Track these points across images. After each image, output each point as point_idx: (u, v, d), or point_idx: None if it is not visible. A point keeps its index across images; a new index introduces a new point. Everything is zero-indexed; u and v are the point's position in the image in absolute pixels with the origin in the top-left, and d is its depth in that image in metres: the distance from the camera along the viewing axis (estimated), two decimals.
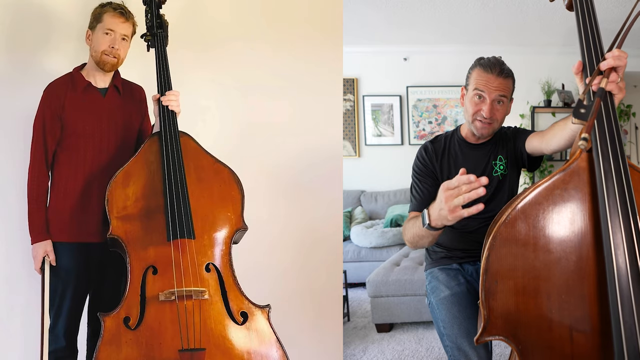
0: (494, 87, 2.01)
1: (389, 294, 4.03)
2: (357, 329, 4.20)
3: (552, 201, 1.28)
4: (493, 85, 2.01)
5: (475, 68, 2.07)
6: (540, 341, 1.29)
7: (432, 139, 2.22)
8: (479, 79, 2.04)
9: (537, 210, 1.28)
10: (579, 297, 1.26)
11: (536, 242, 1.28)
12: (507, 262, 1.30)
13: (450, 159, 2.14)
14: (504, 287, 1.30)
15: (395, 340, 3.91)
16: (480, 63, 2.07)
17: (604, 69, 1.32)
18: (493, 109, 2.03)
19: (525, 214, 1.29)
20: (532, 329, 1.29)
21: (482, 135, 2.10)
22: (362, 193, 6.65)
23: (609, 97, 1.29)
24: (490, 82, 2.02)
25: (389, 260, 4.62)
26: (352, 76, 6.73)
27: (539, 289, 1.28)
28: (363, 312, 4.59)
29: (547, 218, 1.28)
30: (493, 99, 2.02)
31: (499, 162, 2.11)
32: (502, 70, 2.04)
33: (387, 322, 4.10)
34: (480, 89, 2.02)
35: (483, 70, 2.04)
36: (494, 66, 2.03)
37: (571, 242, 1.27)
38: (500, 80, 2.02)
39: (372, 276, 4.16)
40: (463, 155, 2.14)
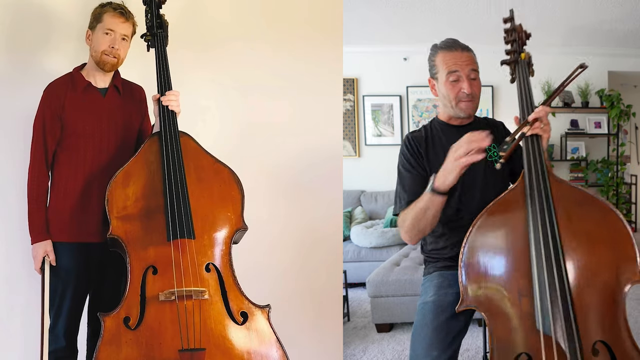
0: (465, 63, 2.02)
1: (389, 294, 4.03)
2: (357, 329, 4.20)
3: (504, 211, 1.77)
4: (463, 61, 2.02)
5: (438, 52, 2.06)
6: (500, 306, 1.69)
7: (410, 133, 2.17)
8: (447, 60, 2.03)
9: (494, 220, 1.77)
10: (523, 273, 1.68)
11: (496, 240, 1.74)
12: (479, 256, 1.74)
13: (436, 144, 2.09)
14: (474, 269, 1.73)
15: (395, 340, 3.91)
16: (440, 46, 2.07)
17: (530, 120, 1.81)
18: (471, 85, 2.02)
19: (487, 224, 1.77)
20: (493, 297, 1.70)
21: (469, 115, 2.08)
22: (362, 193, 6.65)
23: (535, 139, 1.82)
24: (459, 59, 2.02)
25: (389, 260, 4.62)
26: (352, 76, 6.74)
27: (498, 269, 1.73)
28: (363, 312, 4.59)
29: (501, 224, 1.76)
30: (467, 74, 2.01)
31: (493, 148, 2.06)
32: (462, 46, 2.05)
33: (387, 322, 4.10)
34: (454, 69, 2.01)
35: (447, 51, 2.04)
36: (454, 44, 2.05)
37: (516, 238, 1.73)
38: (465, 54, 2.03)
39: (372, 276, 4.16)
40: (447, 137, 2.06)
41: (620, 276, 1.65)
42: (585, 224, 1.70)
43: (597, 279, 1.65)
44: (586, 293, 1.63)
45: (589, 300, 1.63)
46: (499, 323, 1.57)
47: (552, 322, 1.57)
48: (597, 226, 1.69)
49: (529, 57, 2.10)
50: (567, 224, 1.69)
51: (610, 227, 1.69)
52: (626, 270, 1.65)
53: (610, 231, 1.69)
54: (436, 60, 2.07)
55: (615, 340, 1.59)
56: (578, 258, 1.66)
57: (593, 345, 1.58)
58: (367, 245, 5.46)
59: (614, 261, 1.66)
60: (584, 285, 1.64)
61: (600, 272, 1.65)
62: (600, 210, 1.72)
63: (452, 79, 2.02)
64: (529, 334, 1.62)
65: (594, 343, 1.58)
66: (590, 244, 1.67)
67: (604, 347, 1.58)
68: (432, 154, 2.07)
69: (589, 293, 1.63)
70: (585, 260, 1.66)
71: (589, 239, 1.68)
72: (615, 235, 1.68)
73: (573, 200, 1.73)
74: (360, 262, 5.40)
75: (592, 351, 1.57)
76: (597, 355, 1.57)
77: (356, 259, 5.44)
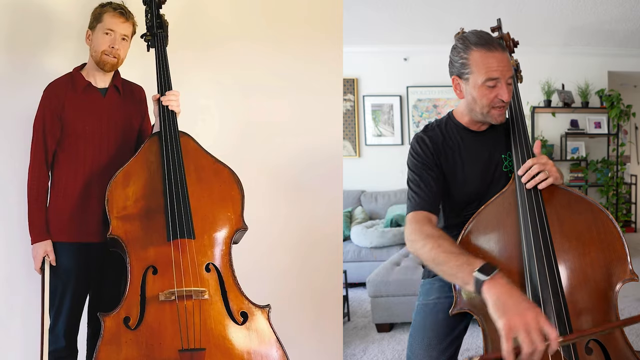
0: (506, 68, 1.76)
1: (389, 294, 4.03)
2: (357, 329, 4.20)
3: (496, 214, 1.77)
4: (504, 65, 1.76)
5: (472, 50, 1.76)
6: None
7: (424, 129, 1.95)
8: (489, 63, 1.74)
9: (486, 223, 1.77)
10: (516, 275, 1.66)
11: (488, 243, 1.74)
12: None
13: (455, 150, 1.89)
14: None
15: (396, 340, 3.91)
16: (475, 43, 1.77)
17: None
18: (509, 92, 1.77)
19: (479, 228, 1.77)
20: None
21: (500, 122, 1.86)
22: (362, 193, 6.65)
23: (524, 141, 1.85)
24: (501, 62, 1.75)
25: (389, 260, 4.62)
26: (352, 76, 6.74)
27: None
28: (363, 312, 4.59)
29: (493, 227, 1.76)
30: (507, 80, 1.76)
31: (509, 157, 1.89)
32: (500, 44, 1.80)
33: (387, 322, 4.10)
34: (495, 76, 1.74)
35: (487, 51, 1.75)
36: (492, 41, 1.78)
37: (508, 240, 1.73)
38: (505, 56, 1.78)
39: (372, 276, 4.16)
40: (465, 144, 1.90)
41: (611, 275, 1.66)
42: (576, 225, 1.71)
43: (589, 278, 1.66)
44: (578, 293, 1.64)
45: (581, 299, 1.64)
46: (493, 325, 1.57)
47: None
48: (588, 227, 1.71)
49: (517, 65, 2.08)
50: (558, 226, 1.71)
51: (601, 228, 1.71)
52: (617, 269, 1.67)
53: (601, 231, 1.70)
54: (470, 59, 1.77)
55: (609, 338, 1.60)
56: (570, 259, 1.67)
57: (586, 344, 1.58)
58: (367, 245, 5.46)
59: (605, 261, 1.68)
60: (576, 285, 1.65)
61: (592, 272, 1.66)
62: (591, 210, 1.73)
63: (490, 85, 1.76)
64: None
65: (587, 342, 1.59)
66: (581, 244, 1.69)
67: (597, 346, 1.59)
68: (444, 159, 1.89)
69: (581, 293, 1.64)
70: (576, 261, 1.67)
71: (580, 240, 1.69)
72: (605, 235, 1.70)
73: (563, 201, 1.75)
74: (360, 262, 5.40)
75: (586, 350, 1.57)
76: (591, 354, 1.58)
77: (356, 259, 5.44)
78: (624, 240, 1.69)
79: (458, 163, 1.88)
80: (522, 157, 1.82)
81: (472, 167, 1.89)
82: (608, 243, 1.69)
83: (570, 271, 1.66)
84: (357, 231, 5.58)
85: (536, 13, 5.34)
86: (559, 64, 6.46)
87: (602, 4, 5.10)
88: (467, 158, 1.89)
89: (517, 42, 2.11)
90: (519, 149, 1.85)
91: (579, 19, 5.57)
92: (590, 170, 6.79)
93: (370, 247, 5.45)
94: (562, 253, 1.68)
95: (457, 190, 1.90)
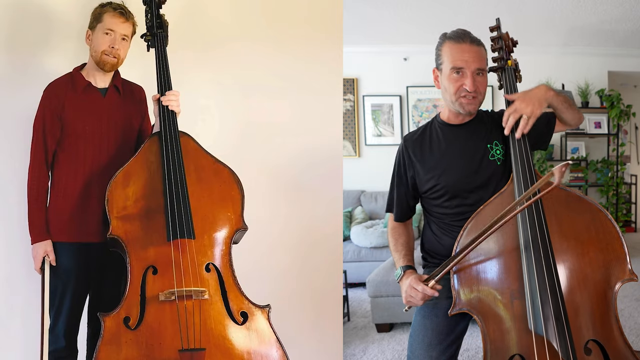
0: (472, 59, 1.89)
1: (389, 294, 4.03)
2: (357, 329, 4.20)
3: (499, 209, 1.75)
4: (470, 56, 1.89)
5: (445, 43, 1.94)
6: (493, 308, 1.71)
7: (408, 134, 2.12)
8: (454, 53, 1.90)
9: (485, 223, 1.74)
10: (515, 275, 1.71)
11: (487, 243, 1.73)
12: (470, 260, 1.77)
13: (433, 144, 2.02)
14: (466, 273, 1.76)
15: (396, 340, 3.91)
16: (449, 36, 1.94)
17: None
18: (475, 82, 1.90)
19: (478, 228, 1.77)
20: (486, 300, 1.72)
21: (469, 112, 1.96)
22: (362, 193, 6.65)
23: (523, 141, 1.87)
24: (467, 53, 1.89)
25: (389, 260, 4.61)
26: (352, 76, 6.73)
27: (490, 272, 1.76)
28: (363, 312, 4.59)
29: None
30: (473, 70, 1.89)
31: (495, 146, 1.97)
32: (473, 39, 1.92)
33: (387, 322, 4.11)
34: (459, 66, 1.89)
35: (455, 42, 1.91)
36: (464, 36, 1.92)
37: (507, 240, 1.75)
38: (474, 49, 1.91)
39: (372, 276, 4.16)
40: (445, 137, 2.02)
41: (610, 275, 1.67)
42: (575, 224, 1.72)
43: (588, 278, 1.66)
44: (577, 293, 1.65)
45: (580, 300, 1.64)
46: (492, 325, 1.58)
47: (544, 323, 1.58)
48: (587, 227, 1.71)
49: (515, 64, 2.09)
50: (557, 226, 1.71)
51: (600, 227, 1.71)
52: (616, 269, 1.67)
53: (600, 231, 1.71)
54: (442, 50, 1.95)
55: (608, 338, 1.60)
56: (568, 259, 1.68)
57: (585, 344, 1.59)
58: (367, 245, 5.46)
59: (604, 261, 1.68)
60: (574, 285, 1.66)
61: (590, 272, 1.67)
62: (590, 210, 1.74)
63: (455, 73, 1.91)
64: (522, 336, 1.63)
65: (586, 342, 1.60)
66: (580, 244, 1.69)
67: (596, 346, 1.59)
68: (428, 154, 2.02)
69: (580, 293, 1.65)
70: (575, 261, 1.68)
71: (579, 240, 1.70)
72: (604, 235, 1.71)
73: (562, 201, 1.75)
74: (360, 262, 5.40)
75: (585, 350, 1.58)
76: (590, 354, 1.58)
77: (356, 259, 5.44)
78: (623, 240, 1.69)
79: (436, 155, 2.00)
80: (521, 157, 1.85)
81: (452, 158, 1.98)
82: (607, 243, 1.69)
83: (569, 271, 1.67)
84: (357, 231, 5.58)
85: (536, 13, 5.34)
86: (559, 64, 6.46)
87: (602, 4, 5.10)
88: (446, 149, 2.00)
89: (516, 42, 2.13)
90: (518, 149, 1.86)
91: (579, 18, 5.57)
92: (590, 170, 6.79)
93: (370, 247, 5.45)
94: (561, 253, 1.68)
95: (441, 180, 1.98)
